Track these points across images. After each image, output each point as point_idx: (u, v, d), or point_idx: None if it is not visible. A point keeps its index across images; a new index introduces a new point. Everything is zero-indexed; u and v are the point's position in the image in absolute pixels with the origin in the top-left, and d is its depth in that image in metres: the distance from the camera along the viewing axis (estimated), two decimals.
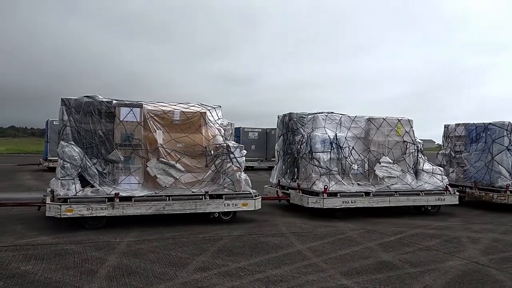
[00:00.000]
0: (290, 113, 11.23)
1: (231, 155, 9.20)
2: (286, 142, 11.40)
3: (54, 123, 19.72)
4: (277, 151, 11.99)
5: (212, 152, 9.14)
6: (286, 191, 11.00)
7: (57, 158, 19.86)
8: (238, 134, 27.06)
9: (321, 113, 10.92)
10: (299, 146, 10.72)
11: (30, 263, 6.13)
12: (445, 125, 13.88)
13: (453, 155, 13.25)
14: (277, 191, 11.13)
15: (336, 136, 10.41)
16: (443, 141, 13.95)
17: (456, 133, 13.27)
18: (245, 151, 9.48)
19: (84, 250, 6.83)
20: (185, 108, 9.33)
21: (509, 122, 11.94)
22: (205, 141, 9.18)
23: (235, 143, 9.42)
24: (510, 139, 11.87)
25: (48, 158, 21.56)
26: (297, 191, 10.48)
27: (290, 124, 11.14)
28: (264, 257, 6.71)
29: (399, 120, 11.06)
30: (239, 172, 9.26)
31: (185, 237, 7.89)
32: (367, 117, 10.91)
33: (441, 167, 13.58)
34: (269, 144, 26.17)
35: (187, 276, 5.68)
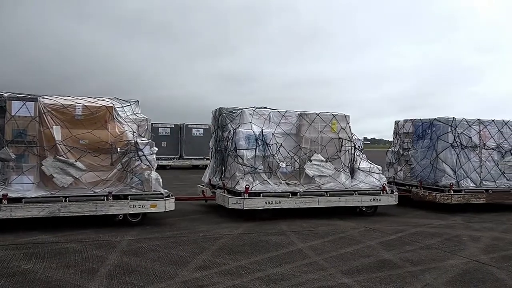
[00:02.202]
0: (220, 108, 10.27)
1: (140, 153, 8.24)
2: (217, 138, 10.45)
3: None
4: (210, 148, 11.06)
5: (118, 150, 8.18)
6: (216, 191, 10.07)
7: None
8: None
9: (251, 107, 9.95)
10: (226, 143, 9.76)
11: (30, 261, 5.94)
12: (395, 121, 12.88)
13: (401, 152, 12.26)
14: (202, 191, 10.22)
15: (262, 132, 9.42)
16: (393, 138, 12.96)
17: (405, 130, 12.26)
18: (156, 149, 8.53)
19: (85, 249, 6.63)
20: (91, 102, 8.37)
21: (453, 118, 10.93)
22: (111, 137, 8.22)
23: (145, 139, 8.45)
24: (454, 136, 10.88)
25: None
26: (223, 190, 9.54)
27: (220, 120, 10.18)
28: (264, 255, 6.52)
29: (334, 116, 10.06)
30: (149, 171, 8.31)
31: (186, 236, 7.67)
32: (299, 112, 9.92)
33: (390, 164, 12.68)
34: None
35: (187, 275, 5.52)
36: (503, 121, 11.39)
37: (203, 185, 10.84)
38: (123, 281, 5.22)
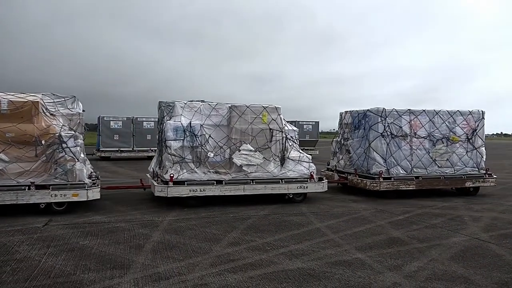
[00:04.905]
0: (160, 101, 9.70)
1: (64, 145, 7.76)
2: (159, 130, 9.91)
3: (105, 118, 21.70)
4: (158, 140, 10.52)
5: (43, 142, 7.72)
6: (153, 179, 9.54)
7: (108, 149, 21.68)
8: None
9: (189, 101, 9.37)
10: (161, 134, 9.23)
11: (87, 238, 6.14)
12: (340, 113, 12.14)
13: (343, 142, 11.55)
14: (141, 179, 9.71)
15: (190, 124, 8.84)
16: (338, 128, 12.23)
17: (345, 120, 11.53)
18: (80, 141, 8.03)
19: (132, 228, 6.86)
20: (18, 97, 7.90)
21: (383, 109, 10.16)
22: (37, 130, 7.75)
23: (70, 132, 7.96)
24: (384, 126, 10.12)
25: (101, 149, 21.72)
26: (157, 179, 9.03)
27: (159, 113, 9.64)
28: (287, 233, 6.62)
29: (264, 108, 9.40)
30: (73, 162, 7.83)
31: (218, 216, 7.82)
32: (229, 104, 9.30)
33: (334, 153, 11.99)
34: None
35: (220, 250, 5.64)
36: (434, 110, 10.54)
37: (150, 174, 10.34)
38: (165, 255, 5.35)
